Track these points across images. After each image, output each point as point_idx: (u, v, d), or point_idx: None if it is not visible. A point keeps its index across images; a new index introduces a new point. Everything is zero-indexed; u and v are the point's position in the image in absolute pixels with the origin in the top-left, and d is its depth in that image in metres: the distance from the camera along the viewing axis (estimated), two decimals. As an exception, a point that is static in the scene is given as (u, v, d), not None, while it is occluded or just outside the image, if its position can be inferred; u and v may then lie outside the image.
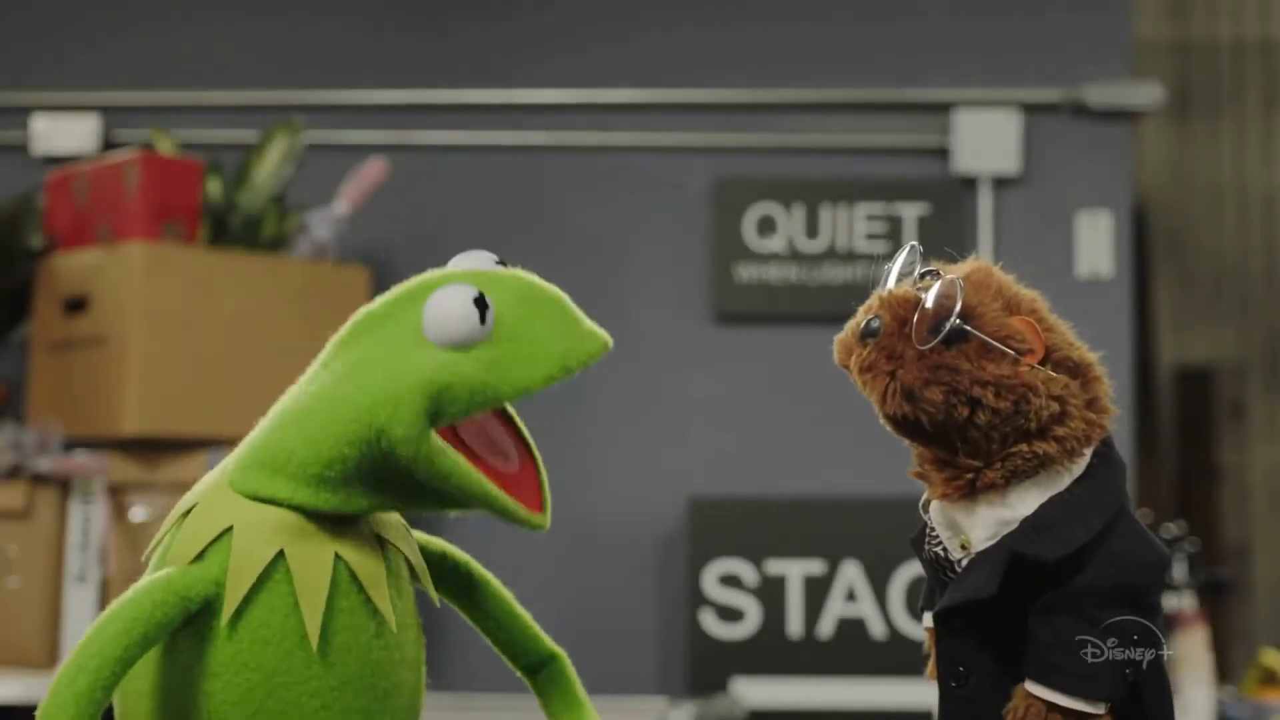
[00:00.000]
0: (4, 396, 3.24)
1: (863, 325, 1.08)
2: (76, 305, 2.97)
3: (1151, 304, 4.81)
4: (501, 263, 1.12)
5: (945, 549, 1.08)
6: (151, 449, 2.87)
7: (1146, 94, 3.52)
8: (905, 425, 1.07)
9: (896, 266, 1.14)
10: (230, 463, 1.12)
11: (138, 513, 2.85)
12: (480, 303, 1.05)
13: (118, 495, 2.87)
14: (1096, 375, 1.13)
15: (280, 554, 1.05)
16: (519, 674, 1.24)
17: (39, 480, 2.88)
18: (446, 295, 1.05)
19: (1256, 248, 5.15)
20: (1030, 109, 3.53)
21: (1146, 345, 4.60)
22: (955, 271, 1.12)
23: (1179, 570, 3.66)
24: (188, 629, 1.06)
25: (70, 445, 2.91)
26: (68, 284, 3.00)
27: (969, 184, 3.52)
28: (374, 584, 1.07)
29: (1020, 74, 3.55)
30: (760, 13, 3.61)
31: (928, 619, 1.12)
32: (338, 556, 1.06)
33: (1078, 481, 1.07)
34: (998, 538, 1.04)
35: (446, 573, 1.20)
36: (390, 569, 1.10)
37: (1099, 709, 1.02)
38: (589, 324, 1.10)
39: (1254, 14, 5.20)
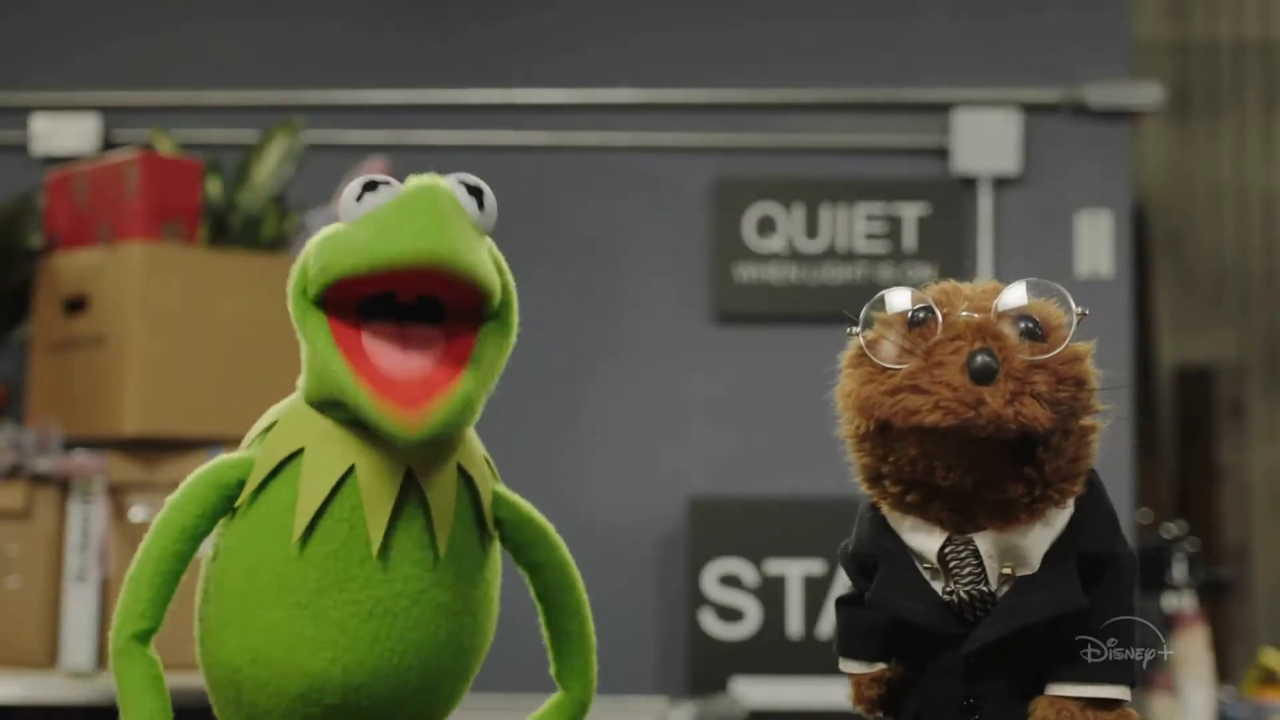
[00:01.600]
0: (4, 396, 3.24)
1: (975, 364, 0.99)
2: (76, 305, 2.97)
3: (1151, 304, 4.81)
4: (475, 188, 1.08)
5: (985, 584, 1.04)
6: (151, 449, 2.87)
7: (1146, 94, 3.52)
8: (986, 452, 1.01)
9: (862, 319, 1.06)
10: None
11: (137, 513, 2.85)
12: (370, 185, 1.05)
13: (117, 495, 2.87)
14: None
15: (303, 450, 1.08)
16: (554, 678, 1.24)
17: (39, 480, 2.88)
18: (359, 178, 1.07)
19: (1256, 248, 5.15)
20: (1030, 109, 3.53)
21: (1146, 345, 4.59)
22: (974, 290, 1.07)
23: (1179, 570, 3.66)
24: (231, 511, 1.11)
25: (70, 445, 2.90)
26: (67, 284, 3.00)
27: (969, 184, 3.52)
28: (373, 503, 1.07)
29: (1020, 74, 3.55)
30: (760, 13, 3.61)
31: (857, 667, 1.11)
32: (353, 468, 1.07)
33: None
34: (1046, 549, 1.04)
35: (527, 540, 1.19)
36: (442, 500, 1.09)
37: (1128, 694, 1.04)
38: (427, 231, 1.02)
39: (1254, 14, 5.20)
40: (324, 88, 3.60)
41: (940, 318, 1.02)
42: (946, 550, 1.05)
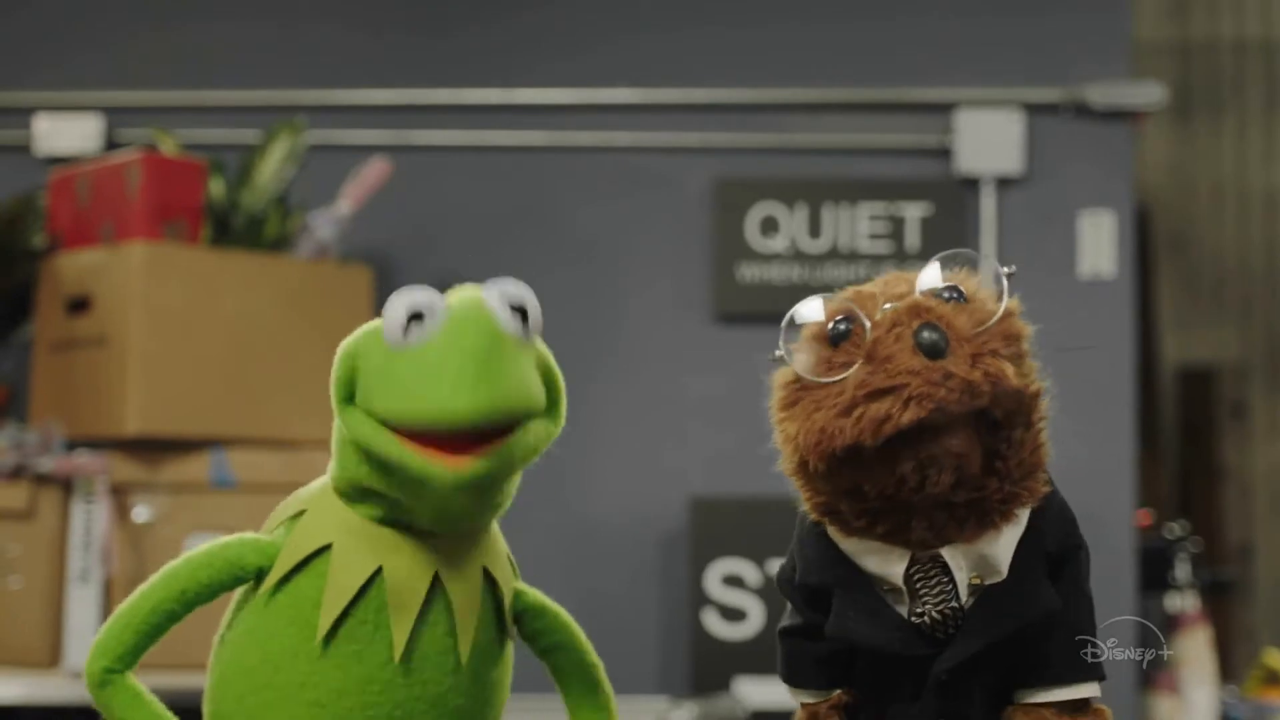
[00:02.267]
0: (6, 396, 3.24)
1: (922, 341, 0.94)
2: (79, 305, 2.97)
3: (1153, 304, 4.81)
4: (520, 309, 1.05)
5: (956, 602, 1.01)
6: (154, 449, 2.87)
7: (1148, 94, 3.52)
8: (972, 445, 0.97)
9: (783, 345, 1.03)
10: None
11: (140, 513, 2.85)
12: (417, 314, 1.03)
13: (120, 495, 2.87)
14: None
15: (331, 546, 1.08)
16: None
17: (41, 480, 2.88)
18: (403, 292, 1.04)
19: (1258, 247, 5.15)
20: (1032, 109, 3.53)
21: (1149, 345, 4.59)
22: (881, 285, 1.04)
23: (1182, 570, 3.66)
24: (248, 596, 1.11)
25: (72, 445, 2.90)
26: (70, 284, 3.00)
27: (971, 184, 3.52)
28: (400, 608, 1.07)
29: (1022, 74, 3.55)
30: (762, 12, 3.61)
31: (808, 696, 1.08)
32: (380, 569, 1.07)
33: None
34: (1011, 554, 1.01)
35: (542, 628, 1.19)
36: (468, 604, 1.09)
37: (1097, 690, 1.03)
38: (489, 387, 1.01)
39: (1255, 13, 5.20)
40: (326, 88, 3.60)
41: (866, 321, 0.97)
42: (913, 570, 1.01)
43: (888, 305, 0.97)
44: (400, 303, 1.03)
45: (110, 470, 2.85)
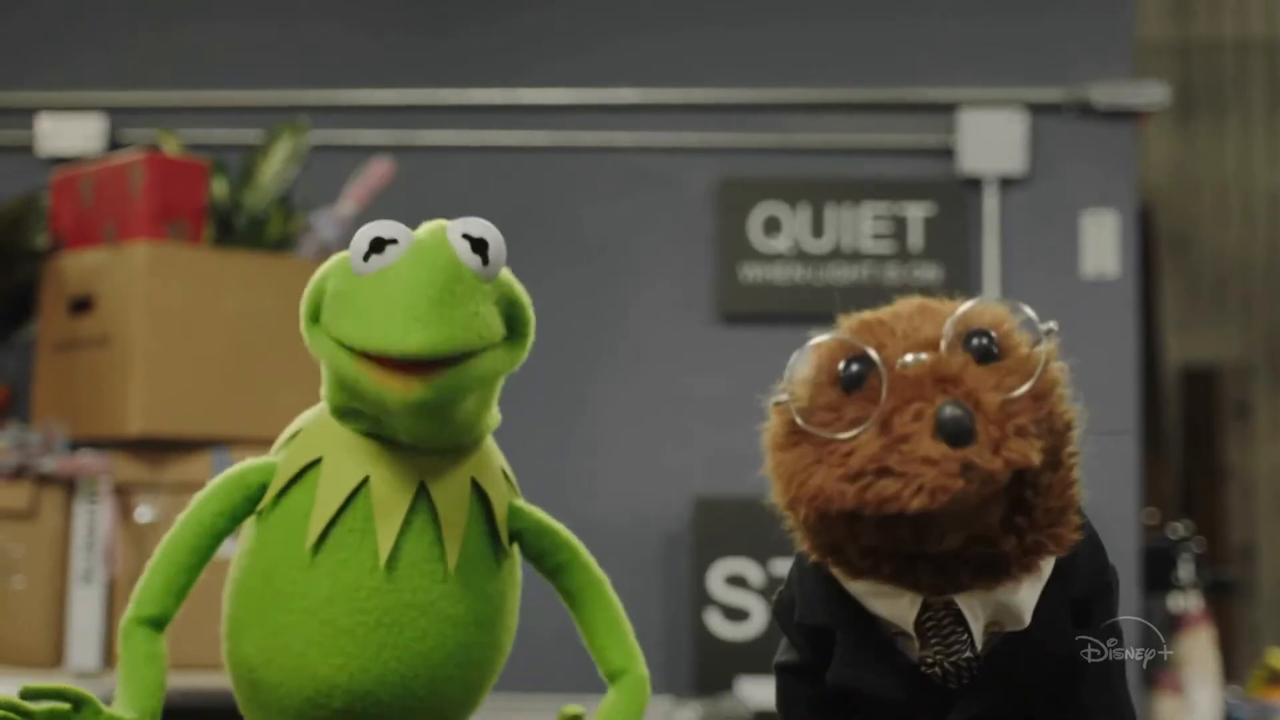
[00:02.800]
0: (9, 396, 3.24)
1: (947, 421, 0.83)
2: (81, 305, 2.97)
3: (1157, 304, 4.81)
4: (479, 240, 1.08)
5: (970, 652, 0.92)
6: (157, 449, 2.87)
7: (1150, 94, 3.52)
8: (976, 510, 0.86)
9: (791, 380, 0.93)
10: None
11: (143, 513, 2.85)
12: (377, 243, 1.08)
13: (123, 495, 2.87)
14: None
15: (322, 459, 1.11)
16: (603, 676, 1.25)
17: (44, 480, 2.88)
18: (371, 224, 1.10)
19: (1261, 247, 5.15)
20: (1035, 109, 3.53)
21: (1152, 345, 4.59)
22: (894, 313, 0.92)
23: (1185, 570, 3.65)
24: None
25: (75, 445, 2.90)
26: (73, 284, 3.00)
27: (974, 184, 3.52)
28: (384, 515, 1.09)
29: (1025, 74, 3.55)
30: (764, 13, 3.61)
31: None
32: (367, 479, 1.10)
33: None
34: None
35: (546, 548, 1.22)
36: (438, 510, 1.11)
37: None
38: (437, 325, 1.03)
39: (1258, 13, 5.19)
40: (329, 88, 3.60)
41: (883, 370, 0.86)
42: (925, 616, 0.92)
43: (909, 358, 0.86)
44: (366, 231, 1.09)
45: (113, 470, 2.85)
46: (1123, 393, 3.45)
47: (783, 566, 3.34)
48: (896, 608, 0.92)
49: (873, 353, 0.87)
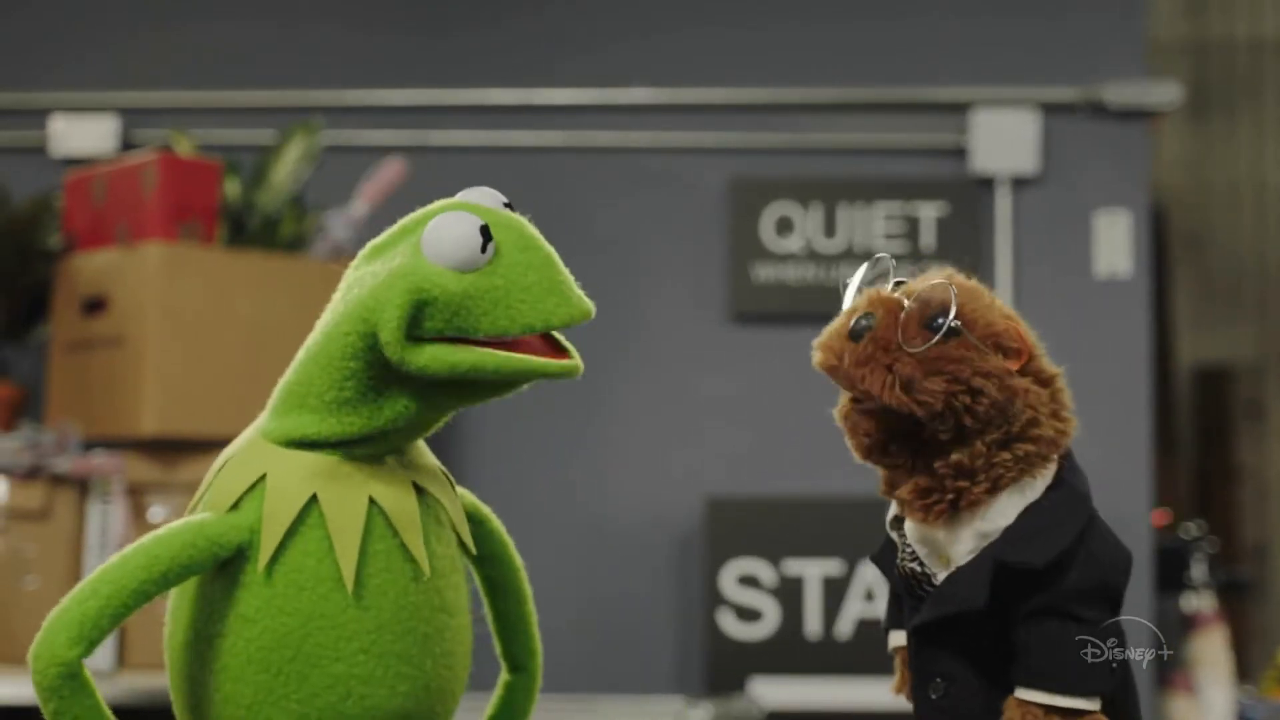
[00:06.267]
0: (22, 397, 3.25)
1: (853, 323, 1.08)
2: (95, 306, 2.98)
3: (1169, 304, 4.81)
4: (508, 205, 1.13)
5: (922, 565, 1.09)
6: (169, 449, 2.88)
7: (1164, 93, 3.51)
8: (887, 433, 1.06)
9: (857, 279, 1.15)
10: (262, 415, 1.15)
11: (156, 513, 2.86)
12: (485, 232, 1.06)
13: (136, 495, 2.87)
14: (1061, 386, 1.10)
15: (314, 498, 1.07)
16: (500, 660, 1.26)
17: (57, 481, 2.89)
18: (451, 217, 1.07)
19: (1274, 246, 5.14)
20: (1048, 108, 3.53)
21: (1164, 345, 4.59)
22: (926, 280, 1.12)
23: (1198, 570, 3.65)
24: (223, 577, 1.08)
25: (88, 446, 2.91)
26: (86, 284, 3.01)
27: (987, 184, 3.52)
28: (408, 528, 1.09)
29: (1038, 73, 3.55)
30: (777, 12, 3.61)
31: (896, 638, 1.14)
32: (371, 500, 1.08)
33: (1050, 489, 1.07)
34: (978, 550, 1.05)
35: (479, 535, 1.22)
36: (428, 515, 1.11)
37: (1094, 704, 1.04)
38: (576, 289, 1.13)
39: (1271, 12, 5.19)
40: (342, 88, 3.60)
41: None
42: (895, 522, 1.12)
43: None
44: (466, 226, 1.06)
45: (126, 470, 2.86)
46: (1135, 392, 3.44)
47: (795, 566, 3.34)
48: (893, 509, 1.12)
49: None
